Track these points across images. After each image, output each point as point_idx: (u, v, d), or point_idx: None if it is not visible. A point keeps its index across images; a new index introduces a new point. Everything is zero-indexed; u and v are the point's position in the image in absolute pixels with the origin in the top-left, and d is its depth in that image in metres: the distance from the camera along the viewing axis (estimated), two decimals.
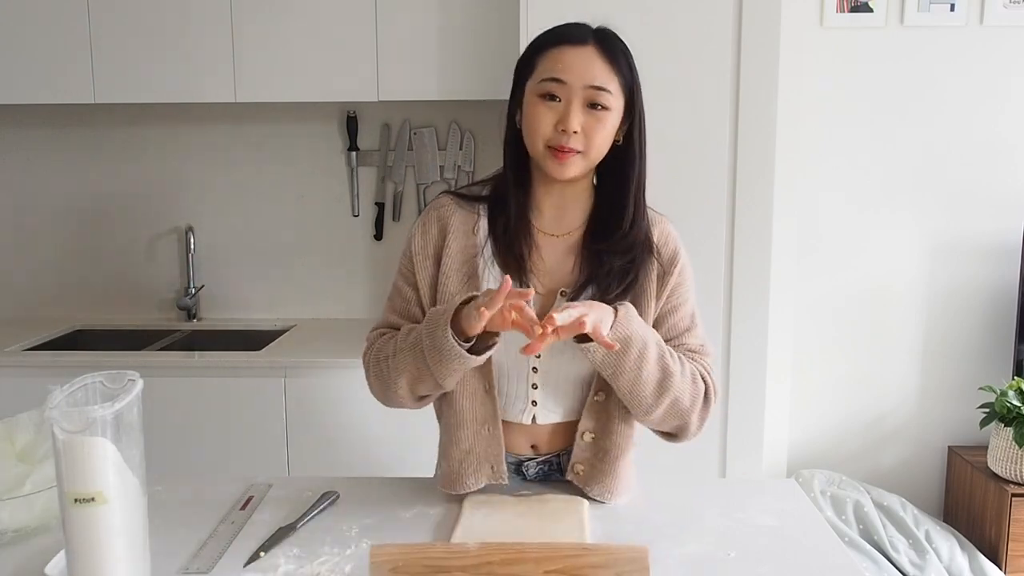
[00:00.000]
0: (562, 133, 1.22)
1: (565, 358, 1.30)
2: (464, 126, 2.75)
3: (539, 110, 1.23)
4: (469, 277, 1.30)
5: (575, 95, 1.22)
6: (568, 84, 1.22)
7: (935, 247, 2.65)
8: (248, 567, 1.15)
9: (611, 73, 1.23)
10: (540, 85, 1.23)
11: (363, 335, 1.39)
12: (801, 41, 2.49)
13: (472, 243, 1.31)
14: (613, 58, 1.24)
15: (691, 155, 2.21)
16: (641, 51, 1.31)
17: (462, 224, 1.32)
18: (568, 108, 1.22)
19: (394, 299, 1.36)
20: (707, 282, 2.24)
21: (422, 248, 1.32)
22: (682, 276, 1.33)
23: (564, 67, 1.22)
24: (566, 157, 1.23)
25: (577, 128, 1.22)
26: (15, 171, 2.86)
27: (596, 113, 1.23)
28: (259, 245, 2.86)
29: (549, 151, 1.24)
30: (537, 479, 1.40)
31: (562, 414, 1.35)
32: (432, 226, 1.33)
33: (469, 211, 1.33)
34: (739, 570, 1.14)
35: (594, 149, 1.25)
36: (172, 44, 2.49)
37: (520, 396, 1.33)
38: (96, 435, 0.98)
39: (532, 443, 1.38)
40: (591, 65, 1.22)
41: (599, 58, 1.23)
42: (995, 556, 2.40)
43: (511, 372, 1.31)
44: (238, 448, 2.37)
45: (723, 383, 2.28)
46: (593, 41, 1.23)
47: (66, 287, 2.90)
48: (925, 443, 2.73)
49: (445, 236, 1.31)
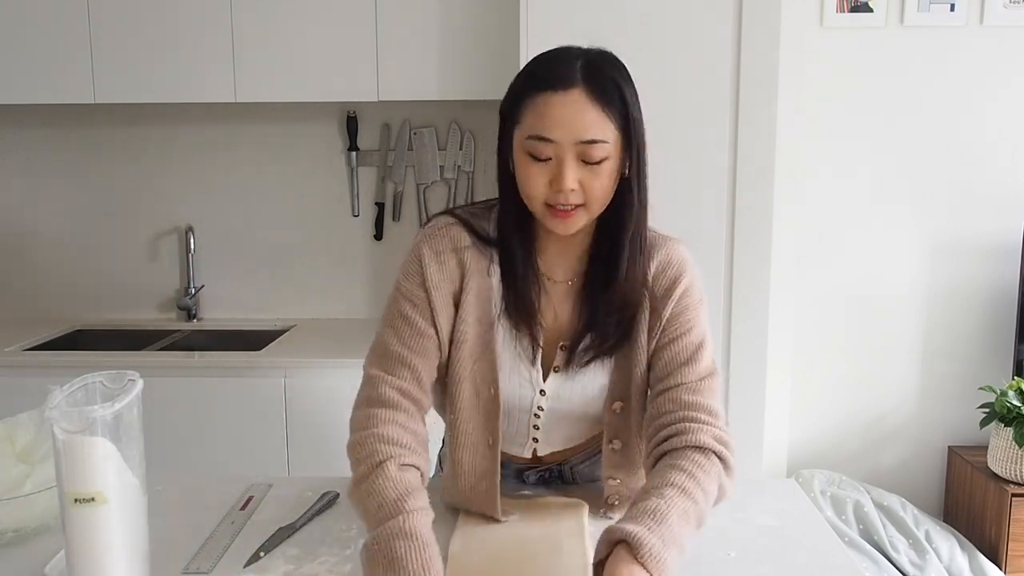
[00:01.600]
0: (558, 192, 1.10)
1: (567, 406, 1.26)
2: (464, 126, 2.75)
3: (530, 171, 1.11)
4: (485, 324, 1.20)
5: (566, 152, 1.09)
6: (557, 142, 1.08)
7: (935, 247, 2.65)
8: (248, 567, 1.15)
9: (604, 119, 1.09)
10: (528, 143, 1.10)
11: (363, 335, 1.38)
12: (801, 41, 2.49)
13: (488, 286, 1.20)
14: (605, 100, 1.09)
15: (691, 155, 2.21)
16: (641, 51, 1.30)
17: (477, 263, 1.20)
18: (561, 168, 1.09)
19: (401, 329, 1.19)
20: (707, 282, 2.22)
21: (439, 282, 1.19)
22: (684, 303, 1.21)
23: (551, 123, 1.08)
24: (569, 216, 1.12)
25: (574, 186, 1.10)
26: (15, 171, 2.86)
27: (592, 167, 1.10)
28: (259, 245, 2.86)
29: (549, 209, 1.12)
30: (538, 483, 1.41)
31: (563, 444, 1.33)
32: (449, 258, 1.19)
33: (482, 249, 1.21)
34: (739, 570, 1.14)
35: (596, 200, 1.12)
36: (172, 44, 2.49)
37: (521, 433, 1.30)
38: (96, 435, 0.98)
39: (534, 462, 1.37)
40: (581, 116, 1.08)
41: (589, 104, 1.08)
42: (995, 556, 2.40)
43: (511, 413, 1.26)
44: (238, 448, 2.37)
45: (723, 383, 2.27)
46: (581, 83, 1.08)
47: (66, 287, 2.90)
48: (925, 443, 2.73)
49: (464, 274, 1.19)
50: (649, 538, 0.96)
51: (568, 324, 1.22)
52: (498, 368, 1.20)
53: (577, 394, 1.23)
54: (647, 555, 0.95)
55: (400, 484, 1.06)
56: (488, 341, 1.20)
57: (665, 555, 0.96)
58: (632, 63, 1.40)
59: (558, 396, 1.24)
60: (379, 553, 1.00)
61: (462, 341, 1.19)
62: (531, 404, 1.25)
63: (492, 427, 1.22)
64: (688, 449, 1.10)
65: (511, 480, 1.38)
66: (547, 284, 1.22)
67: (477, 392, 1.21)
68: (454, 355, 1.20)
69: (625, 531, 0.97)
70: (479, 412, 1.22)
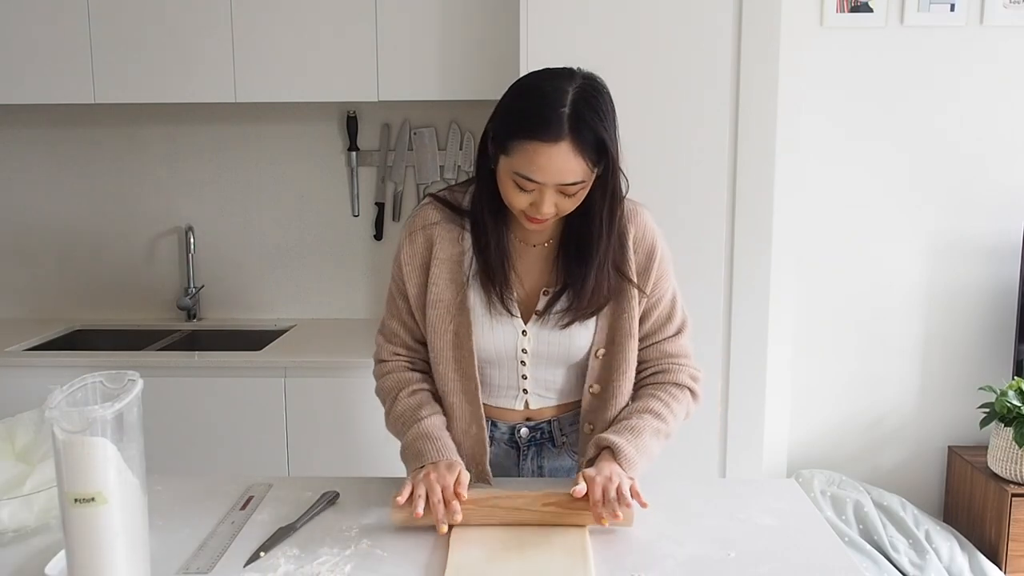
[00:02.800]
0: (536, 212, 1.27)
1: (553, 350, 1.39)
2: (464, 126, 2.75)
3: (513, 192, 1.27)
4: (459, 284, 1.38)
5: (548, 189, 1.25)
6: (541, 183, 1.24)
7: (935, 247, 2.65)
8: (248, 567, 1.15)
9: (584, 166, 1.23)
10: (515, 175, 1.25)
11: (363, 335, 1.42)
12: (801, 41, 2.49)
13: (459, 250, 1.39)
14: (587, 150, 1.23)
15: (691, 155, 2.21)
16: (641, 52, 1.31)
17: (448, 233, 1.39)
18: (541, 198, 1.25)
19: (390, 305, 1.46)
20: (707, 282, 2.24)
21: (410, 258, 1.40)
22: (662, 267, 1.40)
23: (537, 169, 1.22)
24: (542, 223, 1.30)
25: (551, 212, 1.27)
26: (15, 171, 2.86)
27: (569, 193, 1.26)
28: (259, 245, 2.86)
29: (524, 214, 1.30)
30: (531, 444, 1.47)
31: (556, 399, 1.46)
32: (418, 236, 1.40)
33: (454, 220, 1.39)
34: (739, 570, 1.14)
35: (568, 211, 1.30)
36: (172, 44, 2.49)
37: (511, 386, 1.44)
38: (96, 435, 0.98)
39: (527, 416, 1.46)
40: (565, 165, 1.22)
41: (572, 156, 1.22)
42: (995, 556, 2.40)
43: (500, 362, 1.41)
44: (238, 448, 2.37)
45: (723, 383, 2.28)
46: (568, 135, 1.21)
47: (66, 287, 2.90)
48: (925, 443, 2.73)
49: (432, 246, 1.38)
50: (626, 447, 1.30)
51: (548, 277, 1.39)
52: (472, 323, 1.38)
53: (564, 337, 1.38)
54: (623, 459, 1.29)
55: (412, 403, 1.39)
56: (462, 300, 1.37)
57: (637, 460, 1.30)
58: (632, 64, 1.41)
59: (539, 338, 1.38)
60: (408, 453, 1.34)
61: (437, 301, 1.38)
62: (515, 348, 1.39)
63: (472, 374, 1.40)
64: (668, 384, 1.42)
65: (505, 444, 1.48)
66: (520, 247, 1.39)
67: (460, 344, 1.38)
68: (431, 315, 1.39)
69: (609, 440, 1.31)
70: (461, 362, 1.39)
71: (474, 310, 1.38)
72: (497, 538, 1.20)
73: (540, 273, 1.39)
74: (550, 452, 1.49)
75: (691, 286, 1.62)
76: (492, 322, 1.38)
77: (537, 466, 1.49)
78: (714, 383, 2.27)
